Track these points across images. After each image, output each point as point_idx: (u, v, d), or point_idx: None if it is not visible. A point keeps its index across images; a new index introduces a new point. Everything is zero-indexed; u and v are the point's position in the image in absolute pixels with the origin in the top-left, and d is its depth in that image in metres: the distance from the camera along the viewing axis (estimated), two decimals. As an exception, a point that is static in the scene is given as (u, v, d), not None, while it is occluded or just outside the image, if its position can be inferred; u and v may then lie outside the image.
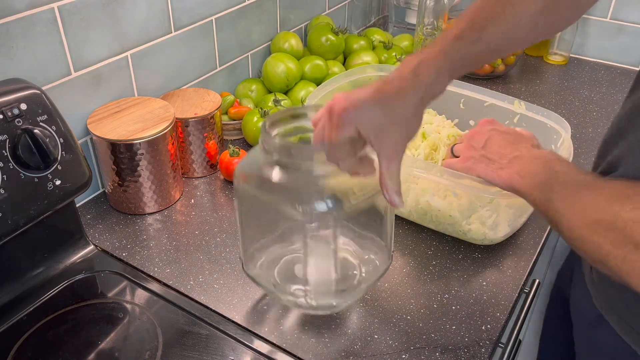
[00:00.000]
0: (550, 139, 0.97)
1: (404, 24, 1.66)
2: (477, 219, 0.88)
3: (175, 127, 0.98)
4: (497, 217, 0.87)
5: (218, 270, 0.87)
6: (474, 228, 0.88)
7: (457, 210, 0.88)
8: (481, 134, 0.81)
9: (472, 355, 0.75)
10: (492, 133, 0.80)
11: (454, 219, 0.89)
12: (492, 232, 0.88)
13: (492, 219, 0.87)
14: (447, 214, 0.89)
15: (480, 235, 0.89)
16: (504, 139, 0.78)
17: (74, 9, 0.88)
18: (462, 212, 0.88)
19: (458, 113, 1.09)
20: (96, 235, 0.94)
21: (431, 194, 0.89)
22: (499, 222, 0.88)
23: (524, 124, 1.01)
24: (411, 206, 0.92)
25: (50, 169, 0.76)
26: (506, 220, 0.88)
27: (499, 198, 0.83)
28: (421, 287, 0.85)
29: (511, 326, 0.86)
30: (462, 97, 1.08)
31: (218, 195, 1.04)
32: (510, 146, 0.76)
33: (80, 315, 0.79)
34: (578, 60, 1.58)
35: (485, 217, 0.87)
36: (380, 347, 0.76)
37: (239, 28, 1.23)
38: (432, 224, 0.93)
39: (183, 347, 0.74)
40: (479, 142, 0.80)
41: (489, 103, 1.05)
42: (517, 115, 1.02)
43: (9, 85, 0.74)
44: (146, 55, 1.03)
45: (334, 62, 1.36)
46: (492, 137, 0.80)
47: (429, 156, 0.97)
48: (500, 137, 0.79)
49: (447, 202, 0.88)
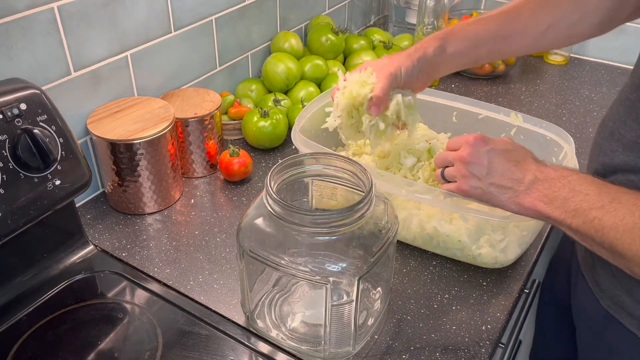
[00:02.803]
0: (551, 151, 0.92)
1: (404, 24, 1.66)
2: (487, 242, 0.84)
3: (175, 127, 0.98)
4: (508, 239, 0.83)
5: (218, 270, 0.87)
6: (484, 252, 0.84)
7: (465, 235, 0.84)
8: (478, 158, 0.71)
9: (472, 355, 0.74)
10: (492, 155, 0.71)
11: (463, 244, 0.84)
12: (503, 254, 0.84)
13: (504, 242, 0.83)
14: (455, 239, 0.84)
15: (492, 259, 0.85)
16: (506, 159, 0.70)
17: (73, 9, 0.87)
18: (470, 236, 0.84)
19: (451, 126, 1.03)
20: (96, 235, 0.94)
21: (438, 220, 0.84)
22: (510, 244, 0.84)
23: (521, 137, 0.96)
24: (416, 232, 0.88)
25: (50, 169, 0.76)
26: (516, 241, 0.84)
27: (512, 221, 0.80)
28: (421, 287, 0.85)
29: (511, 326, 0.86)
30: (455, 110, 1.03)
31: (218, 195, 1.04)
32: (517, 167, 0.69)
33: (80, 316, 0.79)
34: (578, 60, 1.58)
35: (496, 240, 0.83)
36: (381, 347, 0.76)
37: (239, 28, 1.23)
38: (439, 250, 0.88)
39: (183, 347, 0.74)
40: (480, 169, 0.71)
41: (483, 116, 1.00)
42: (514, 127, 0.98)
43: (8, 85, 0.74)
44: (146, 55, 1.03)
45: (334, 62, 1.36)
46: (493, 160, 0.70)
47: (431, 177, 0.89)
48: (502, 158, 0.70)
49: (456, 227, 0.84)
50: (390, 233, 0.71)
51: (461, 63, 0.87)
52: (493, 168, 0.70)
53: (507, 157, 0.70)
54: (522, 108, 1.33)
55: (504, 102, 1.36)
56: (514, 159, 0.70)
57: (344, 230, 0.67)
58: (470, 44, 0.84)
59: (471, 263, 0.88)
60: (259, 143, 1.14)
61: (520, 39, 0.84)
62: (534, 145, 0.82)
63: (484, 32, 0.84)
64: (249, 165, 1.05)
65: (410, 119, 0.86)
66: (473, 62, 0.88)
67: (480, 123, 1.00)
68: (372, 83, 0.82)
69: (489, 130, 0.98)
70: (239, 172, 1.04)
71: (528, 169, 0.68)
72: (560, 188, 0.64)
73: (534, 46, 0.86)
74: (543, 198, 0.65)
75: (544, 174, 0.67)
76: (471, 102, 1.02)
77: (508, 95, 1.39)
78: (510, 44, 0.85)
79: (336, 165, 0.75)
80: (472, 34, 0.84)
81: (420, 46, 0.83)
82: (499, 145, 0.72)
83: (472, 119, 1.01)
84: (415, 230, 0.88)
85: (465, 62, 0.87)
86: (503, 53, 0.88)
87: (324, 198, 0.85)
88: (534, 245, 0.93)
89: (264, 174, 1.09)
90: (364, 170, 0.71)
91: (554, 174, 0.66)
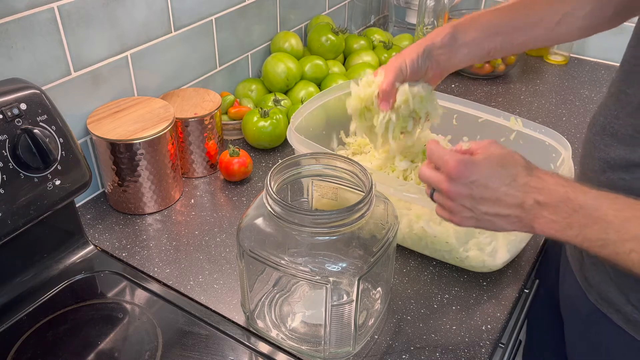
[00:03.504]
0: (549, 157, 0.91)
1: (404, 24, 1.66)
2: (475, 245, 0.83)
3: (175, 127, 0.98)
4: (496, 243, 0.83)
5: (218, 270, 0.87)
6: (472, 255, 0.84)
7: (453, 237, 0.83)
8: (462, 192, 0.63)
9: (472, 355, 0.74)
10: (476, 186, 0.63)
11: (451, 246, 0.84)
12: (491, 258, 0.84)
13: (491, 245, 0.83)
14: (443, 241, 0.84)
15: (479, 263, 0.84)
16: (496, 185, 0.62)
17: (73, 9, 0.87)
18: (459, 239, 0.83)
19: (451, 129, 1.02)
20: (96, 235, 0.94)
21: (426, 220, 0.84)
22: (498, 248, 0.84)
23: (521, 142, 0.95)
24: (405, 232, 0.88)
25: (50, 169, 0.76)
26: (505, 246, 0.84)
27: None
28: (421, 287, 0.85)
29: (511, 326, 0.86)
30: (455, 112, 1.01)
31: (218, 195, 1.04)
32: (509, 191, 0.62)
33: (79, 316, 0.79)
34: (578, 60, 1.58)
35: (484, 243, 0.83)
36: (381, 347, 0.76)
37: (239, 28, 1.23)
38: (428, 251, 0.89)
39: (183, 347, 0.74)
40: (468, 202, 0.64)
41: (483, 119, 0.99)
42: (514, 132, 0.97)
43: (8, 85, 0.74)
44: (146, 55, 1.03)
45: (334, 62, 1.36)
46: (480, 192, 0.63)
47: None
48: (489, 186, 0.62)
49: (444, 228, 0.84)
50: (390, 233, 0.71)
51: (475, 53, 0.85)
52: (482, 199, 0.63)
53: (494, 183, 0.62)
54: (522, 108, 1.33)
55: (504, 102, 1.36)
56: (502, 182, 0.62)
57: (344, 230, 0.67)
58: (483, 33, 0.83)
59: (459, 266, 0.88)
60: (258, 143, 1.14)
61: (534, 29, 0.83)
62: (532, 151, 0.82)
63: (497, 21, 0.83)
64: (249, 165, 1.05)
65: (425, 111, 0.85)
66: (486, 53, 0.85)
67: (480, 126, 1.00)
68: (379, 82, 0.83)
69: (489, 134, 0.98)
70: (239, 172, 1.04)
71: (523, 191, 0.61)
72: (571, 214, 0.59)
73: (548, 37, 0.85)
74: (553, 225, 0.60)
75: (544, 194, 0.60)
76: (471, 105, 1.01)
77: (508, 95, 1.39)
78: (524, 34, 0.84)
79: (336, 165, 0.75)
80: (486, 23, 0.83)
81: (429, 36, 0.83)
82: (483, 170, 0.62)
83: (472, 122, 1.01)
84: (404, 231, 0.88)
85: (479, 52, 0.85)
86: (516, 45, 0.86)
87: (324, 198, 0.85)
88: (534, 245, 0.93)
89: (264, 174, 1.09)
90: (364, 170, 0.71)
91: (555, 195, 0.60)
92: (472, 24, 0.84)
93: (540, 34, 0.84)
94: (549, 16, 0.82)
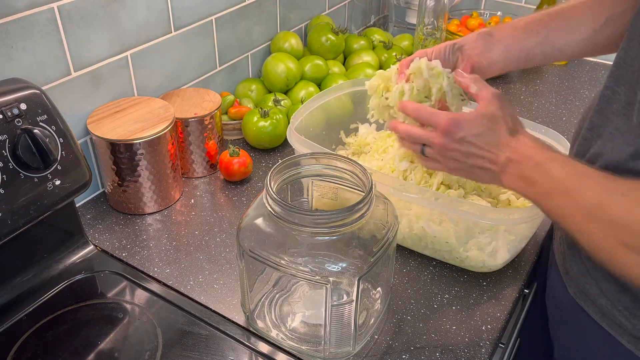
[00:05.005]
0: None
1: (404, 24, 1.66)
2: (475, 245, 0.84)
3: (175, 127, 0.98)
4: (496, 243, 0.83)
5: (218, 270, 0.87)
6: (472, 255, 0.84)
7: (453, 237, 0.84)
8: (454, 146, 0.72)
9: (472, 355, 0.75)
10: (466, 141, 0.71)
11: (451, 246, 0.85)
12: (491, 258, 0.84)
13: (491, 245, 0.83)
14: (443, 241, 0.85)
15: (479, 263, 0.85)
16: (482, 142, 0.70)
17: (73, 9, 0.87)
18: (459, 239, 0.84)
19: None
20: (96, 235, 0.94)
21: (426, 220, 0.84)
22: (498, 248, 0.84)
23: None
24: (405, 232, 0.88)
25: (50, 169, 0.76)
26: (505, 246, 0.84)
27: (498, 225, 0.81)
28: (421, 287, 0.85)
29: (511, 326, 0.86)
30: None
31: (218, 195, 1.04)
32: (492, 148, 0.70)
33: (79, 316, 0.79)
34: (578, 60, 1.58)
35: (484, 243, 0.83)
36: (381, 347, 0.76)
37: (239, 28, 1.23)
38: (428, 251, 0.89)
39: (183, 347, 0.74)
40: (458, 155, 0.72)
41: None
42: None
43: (8, 85, 0.74)
44: (146, 55, 1.03)
45: (334, 62, 1.36)
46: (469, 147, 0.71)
47: (423, 179, 0.88)
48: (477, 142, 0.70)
49: (444, 228, 0.84)
50: (390, 233, 0.71)
51: (512, 52, 0.83)
52: (470, 153, 0.71)
53: (482, 140, 0.70)
54: (522, 108, 1.33)
55: (504, 102, 1.36)
56: (489, 140, 0.70)
57: (344, 230, 0.67)
58: (520, 31, 0.82)
59: (459, 266, 0.88)
60: (258, 143, 1.14)
61: (576, 30, 0.81)
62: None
63: (535, 23, 0.82)
64: (249, 165, 1.05)
65: (439, 87, 0.81)
66: (525, 55, 0.83)
67: None
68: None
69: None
70: (239, 172, 1.05)
71: (503, 149, 0.69)
72: (530, 170, 0.66)
73: (587, 42, 0.82)
74: (515, 180, 0.68)
75: (517, 153, 0.68)
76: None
77: (508, 95, 1.39)
78: (564, 36, 0.82)
79: (336, 165, 0.75)
80: (523, 24, 0.83)
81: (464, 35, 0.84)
82: (473, 128, 0.71)
83: None
84: (404, 231, 0.88)
85: (516, 52, 0.83)
86: (557, 48, 0.83)
87: (324, 198, 0.85)
88: (534, 245, 0.93)
89: (264, 174, 1.09)
90: (364, 170, 0.71)
91: (526, 153, 0.67)
92: (508, 24, 0.84)
93: (581, 38, 0.82)
94: (589, 20, 0.80)
